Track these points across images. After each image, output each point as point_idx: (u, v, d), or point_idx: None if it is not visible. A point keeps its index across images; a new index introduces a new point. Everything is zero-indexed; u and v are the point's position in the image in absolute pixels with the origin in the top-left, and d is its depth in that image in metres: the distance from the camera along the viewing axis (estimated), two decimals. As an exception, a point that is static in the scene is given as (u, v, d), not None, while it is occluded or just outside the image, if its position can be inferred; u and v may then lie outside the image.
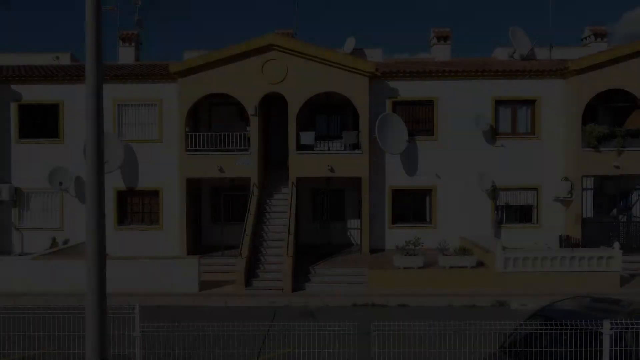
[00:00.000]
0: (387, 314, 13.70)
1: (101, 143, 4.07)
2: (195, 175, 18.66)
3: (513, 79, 19.29)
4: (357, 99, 18.55)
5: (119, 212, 19.50)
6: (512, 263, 15.81)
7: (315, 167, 18.60)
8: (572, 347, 8.07)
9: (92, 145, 3.97)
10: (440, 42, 22.84)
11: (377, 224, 19.46)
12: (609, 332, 6.98)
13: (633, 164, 18.54)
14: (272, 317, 13.53)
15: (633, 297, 14.94)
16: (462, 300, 14.73)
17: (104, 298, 4.17)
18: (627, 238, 19.11)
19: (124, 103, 19.37)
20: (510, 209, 19.70)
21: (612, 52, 18.38)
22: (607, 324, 7.11)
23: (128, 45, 23.02)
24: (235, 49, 18.21)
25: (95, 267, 4.11)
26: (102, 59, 3.99)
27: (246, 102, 18.46)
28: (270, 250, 17.01)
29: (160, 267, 15.68)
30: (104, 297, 4.18)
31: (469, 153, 19.38)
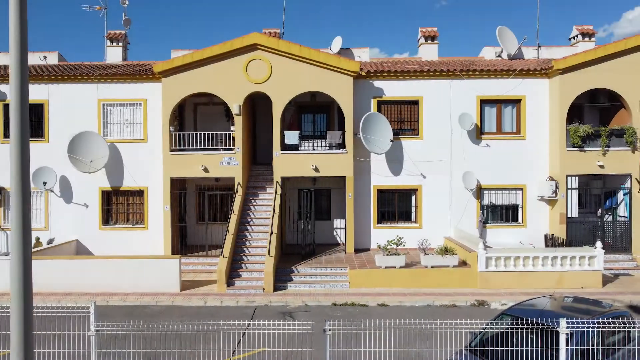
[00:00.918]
0: (366, 314, 13.68)
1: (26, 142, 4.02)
2: (179, 175, 18.63)
3: (498, 78, 19.28)
4: (342, 99, 18.53)
5: (104, 212, 19.46)
6: (493, 263, 15.80)
7: (300, 166, 18.59)
8: (538, 346, 8.08)
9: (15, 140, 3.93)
10: (427, 42, 22.84)
11: (362, 224, 19.45)
12: (565, 331, 6.94)
13: (617, 163, 18.52)
14: (250, 316, 13.53)
15: (614, 296, 14.99)
16: (443, 300, 14.72)
17: (29, 298, 4.09)
18: (612, 238, 19.11)
19: (109, 103, 19.35)
20: (496, 209, 19.69)
21: (595, 51, 18.35)
22: (564, 323, 7.08)
23: (115, 45, 23.01)
24: (218, 48, 18.18)
25: (19, 267, 4.01)
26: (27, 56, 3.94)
27: (230, 102, 18.44)
28: (254, 250, 17.00)
29: (141, 267, 15.66)
30: (30, 297, 4.11)
31: (454, 152, 19.37)
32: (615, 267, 18.07)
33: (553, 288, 15.70)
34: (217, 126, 20.38)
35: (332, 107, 20.50)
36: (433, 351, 8.81)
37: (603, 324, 8.16)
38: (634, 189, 18.46)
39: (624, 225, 18.85)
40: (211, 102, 20.37)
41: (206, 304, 14.54)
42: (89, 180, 19.19)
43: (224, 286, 15.53)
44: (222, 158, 18.52)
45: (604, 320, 8.19)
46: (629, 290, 15.61)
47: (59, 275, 15.75)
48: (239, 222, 17.85)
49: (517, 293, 15.08)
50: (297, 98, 20.10)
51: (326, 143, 19.00)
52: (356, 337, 9.58)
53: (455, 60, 22.20)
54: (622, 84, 18.36)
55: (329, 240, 20.68)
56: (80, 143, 18.55)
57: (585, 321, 7.84)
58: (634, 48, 18.22)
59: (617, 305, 9.45)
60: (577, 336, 7.86)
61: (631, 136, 18.24)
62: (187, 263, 18.44)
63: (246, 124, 19.55)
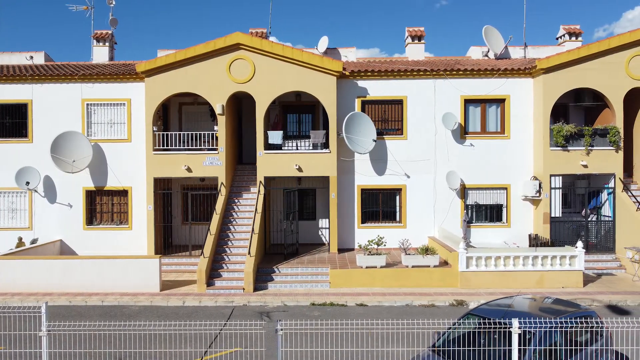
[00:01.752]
0: (344, 314, 13.66)
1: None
2: (162, 175, 18.61)
3: (482, 78, 19.26)
4: (325, 98, 18.51)
5: (88, 212, 19.43)
6: (474, 262, 15.78)
7: (283, 166, 18.57)
8: (501, 346, 8.05)
9: None
10: (414, 42, 22.84)
11: (346, 224, 19.43)
12: (517, 332, 6.92)
13: (601, 163, 18.51)
14: (227, 317, 13.51)
15: (593, 296, 14.98)
16: (422, 300, 14.70)
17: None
18: (597, 237, 19.09)
19: (93, 103, 19.32)
20: (480, 209, 19.67)
21: (579, 51, 18.32)
22: (516, 323, 7.07)
23: (102, 45, 22.99)
24: (201, 48, 18.15)
25: None
26: None
27: (213, 102, 18.42)
28: (235, 249, 16.97)
29: (121, 267, 15.64)
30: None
31: (438, 152, 19.35)
32: (598, 266, 18.05)
33: (534, 288, 15.71)
34: (202, 126, 20.37)
35: (318, 107, 20.48)
36: (396, 351, 8.80)
37: (567, 324, 8.15)
38: (618, 189, 18.44)
39: (608, 225, 18.83)
40: (196, 102, 20.35)
41: (185, 304, 14.52)
42: (72, 180, 19.16)
43: (203, 286, 15.51)
44: (205, 158, 18.50)
45: (568, 321, 8.18)
46: (610, 290, 15.59)
47: (40, 276, 15.74)
48: (222, 222, 17.83)
49: (497, 293, 15.05)
50: (282, 98, 20.10)
51: (310, 143, 18.98)
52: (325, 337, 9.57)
53: (440, 59, 22.20)
54: (605, 84, 18.34)
55: (314, 240, 20.67)
56: (64, 143, 18.52)
57: (545, 321, 7.82)
58: (617, 47, 18.20)
59: (585, 306, 9.40)
60: (538, 336, 7.84)
61: (614, 136, 18.22)
62: (170, 263, 18.46)
63: (230, 124, 19.53)
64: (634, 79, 18.32)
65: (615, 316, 13.36)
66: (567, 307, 9.20)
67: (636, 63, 18.29)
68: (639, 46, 18.26)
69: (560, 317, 8.42)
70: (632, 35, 18.10)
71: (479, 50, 22.76)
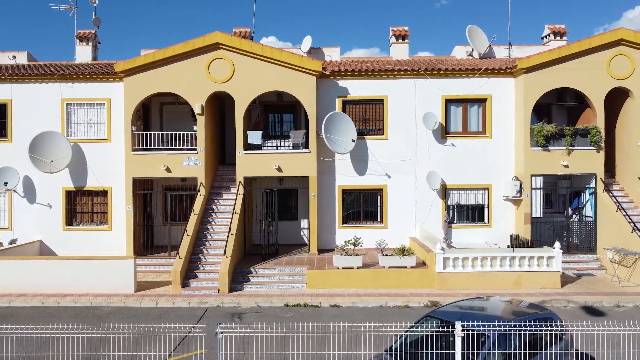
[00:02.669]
0: (317, 315, 13.58)
1: None
2: (141, 175, 18.51)
3: (463, 77, 19.16)
4: (305, 98, 18.42)
5: (67, 212, 19.34)
6: (451, 263, 15.69)
7: (263, 166, 18.49)
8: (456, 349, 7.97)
9: None
10: (398, 41, 22.75)
11: (327, 224, 19.35)
12: (460, 335, 6.84)
13: (582, 163, 18.42)
14: (198, 318, 13.42)
15: (570, 297, 14.90)
16: (397, 301, 14.62)
17: None
18: (579, 238, 19.01)
19: (73, 102, 19.22)
20: (462, 209, 19.59)
21: (560, 50, 18.23)
22: (459, 326, 6.98)
23: (85, 45, 22.90)
24: (180, 47, 18.07)
25: None
26: None
27: (193, 102, 18.33)
28: (213, 250, 16.89)
29: (97, 268, 15.56)
30: None
31: (419, 152, 19.26)
32: (579, 267, 17.98)
33: (511, 289, 15.64)
34: (184, 126, 20.27)
35: (300, 107, 20.37)
36: (352, 354, 8.72)
37: (525, 327, 8.06)
38: (599, 189, 18.35)
39: (589, 226, 18.75)
40: (177, 102, 20.23)
41: (158, 305, 14.44)
42: (52, 180, 19.07)
43: (179, 287, 15.43)
44: (184, 158, 18.41)
45: (525, 324, 8.09)
46: (587, 290, 15.51)
47: (16, 276, 15.65)
48: (200, 223, 17.76)
49: (474, 294, 14.95)
50: (263, 97, 20.04)
51: (290, 143, 18.88)
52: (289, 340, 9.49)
53: (423, 59, 22.13)
54: (586, 84, 18.25)
55: (296, 240, 20.59)
56: (42, 143, 18.44)
57: (499, 324, 7.74)
58: (598, 47, 18.11)
59: (543, 308, 9.32)
60: (492, 339, 7.76)
61: (595, 136, 18.13)
62: (149, 264, 18.39)
63: (211, 124, 19.45)
64: (615, 79, 18.24)
65: (589, 317, 13.28)
66: (528, 309, 9.12)
67: (617, 63, 18.20)
68: (620, 46, 18.17)
69: (518, 319, 8.34)
70: (612, 34, 18.02)
71: (464, 49, 22.69)
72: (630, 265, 16.30)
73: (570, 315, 13.57)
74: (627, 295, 15.08)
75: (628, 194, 18.67)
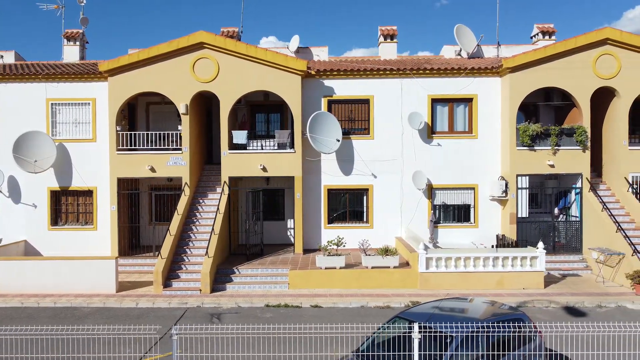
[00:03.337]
0: (297, 315, 13.52)
1: None
2: (126, 175, 18.46)
3: (449, 77, 19.09)
4: (290, 98, 18.37)
5: (52, 212, 19.29)
6: (434, 263, 15.64)
7: (248, 166, 18.44)
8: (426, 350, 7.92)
9: None
10: (387, 41, 22.67)
11: (312, 224, 19.29)
12: (417, 337, 6.79)
13: (568, 162, 18.35)
14: (177, 318, 13.36)
15: (552, 297, 14.84)
16: (378, 301, 14.55)
17: None
18: (565, 238, 18.95)
19: (58, 102, 19.16)
20: (448, 209, 19.53)
21: (545, 50, 18.16)
22: (416, 328, 6.93)
23: (72, 44, 22.83)
24: (165, 47, 18.01)
25: None
26: None
27: (177, 101, 18.27)
28: (196, 250, 16.84)
29: (77, 268, 15.51)
30: None
31: (405, 152, 19.20)
32: (565, 267, 17.92)
33: (495, 289, 15.59)
34: (170, 126, 20.17)
35: (286, 107, 20.23)
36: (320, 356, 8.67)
37: (492, 328, 8.00)
38: (585, 189, 18.29)
39: (575, 225, 18.69)
40: (163, 102, 20.16)
41: (137, 306, 14.38)
42: (37, 180, 19.02)
43: (160, 287, 15.38)
44: (169, 158, 18.35)
45: (491, 325, 8.02)
46: (570, 291, 15.45)
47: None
48: (184, 223, 17.71)
49: (456, 294, 14.90)
50: (250, 97, 20.00)
51: (275, 142, 18.83)
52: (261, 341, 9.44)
53: (411, 59, 22.07)
54: (572, 83, 18.17)
55: (282, 240, 20.53)
56: (27, 143, 18.38)
57: (464, 325, 7.68)
58: (584, 47, 18.03)
59: (514, 309, 9.26)
60: (457, 341, 7.71)
61: (581, 135, 18.07)
62: (134, 264, 18.35)
63: (197, 123, 19.40)
64: (601, 78, 18.17)
65: (569, 318, 13.23)
66: (499, 310, 9.06)
67: (603, 62, 18.13)
68: (606, 45, 18.10)
69: (486, 320, 8.29)
70: (598, 34, 17.95)
71: (452, 49, 22.62)
72: (615, 265, 16.24)
73: (551, 315, 13.53)
74: (610, 295, 15.03)
75: (614, 193, 18.60)
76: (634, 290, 15.21)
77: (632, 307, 14.21)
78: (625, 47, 18.04)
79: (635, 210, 17.61)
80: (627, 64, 18.05)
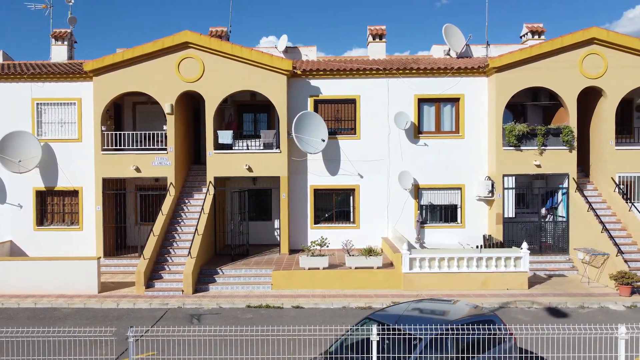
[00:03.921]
0: (278, 316, 13.46)
1: None
2: (111, 175, 18.40)
3: (436, 77, 19.02)
4: (276, 98, 18.30)
5: (38, 213, 19.23)
6: (417, 264, 15.58)
7: (234, 166, 18.38)
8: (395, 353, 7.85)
9: None
10: (375, 40, 22.59)
11: (299, 224, 19.23)
12: (375, 339, 6.72)
13: (555, 162, 18.28)
14: (157, 319, 13.30)
15: (535, 297, 14.78)
16: (360, 302, 14.48)
17: None
18: (552, 238, 18.88)
19: (44, 102, 19.10)
20: (435, 209, 19.46)
21: (531, 49, 18.08)
22: (375, 330, 6.87)
23: (61, 44, 22.76)
24: (149, 46, 17.95)
25: None
26: None
27: (163, 101, 18.21)
28: (180, 251, 16.77)
29: (59, 269, 15.44)
30: None
31: (391, 152, 19.14)
32: (551, 267, 17.86)
33: (479, 290, 15.53)
34: (157, 125, 20.06)
35: (273, 106, 20.15)
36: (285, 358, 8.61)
37: (462, 330, 7.93)
38: (571, 189, 18.22)
39: (562, 226, 18.62)
40: (150, 102, 20.06)
41: (118, 307, 14.32)
42: (23, 180, 18.96)
43: (142, 288, 15.32)
44: (154, 158, 18.29)
45: (460, 327, 7.96)
46: (554, 291, 15.39)
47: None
48: (169, 223, 17.65)
49: (439, 295, 14.86)
50: (237, 97, 19.95)
51: (261, 142, 18.76)
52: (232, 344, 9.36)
53: (399, 58, 22.01)
54: (558, 83, 18.11)
55: (269, 240, 20.47)
56: (12, 143, 18.31)
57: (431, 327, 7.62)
58: (570, 46, 17.96)
59: (487, 310, 9.18)
60: (423, 343, 7.65)
61: (567, 135, 18.00)
62: (119, 264, 18.30)
63: (182, 123, 19.34)
64: (587, 78, 18.10)
65: (551, 319, 13.18)
66: (469, 312, 8.98)
67: (590, 62, 18.06)
68: (593, 45, 18.03)
69: (456, 322, 8.22)
70: (584, 33, 17.87)
71: (441, 48, 22.56)
72: (600, 265, 16.18)
73: (532, 316, 13.48)
74: (594, 296, 14.97)
75: (602, 194, 18.53)
76: (618, 291, 15.14)
77: (614, 307, 14.15)
78: (612, 47, 17.97)
79: (621, 211, 17.55)
80: (613, 63, 17.98)
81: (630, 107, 20.36)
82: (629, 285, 14.80)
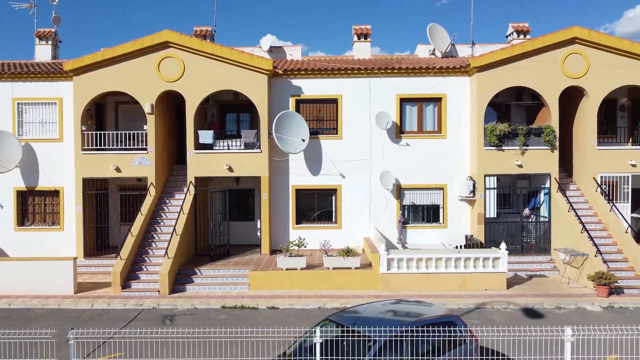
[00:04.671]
0: (252, 317, 13.39)
1: None
2: (91, 175, 18.32)
3: (418, 76, 18.94)
4: (256, 97, 18.23)
5: (19, 213, 19.16)
6: (395, 264, 15.50)
7: (214, 166, 18.31)
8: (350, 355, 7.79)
9: None
10: (360, 40, 22.52)
11: (280, 225, 19.16)
12: (319, 341, 6.65)
13: (537, 162, 18.20)
14: (129, 320, 13.23)
15: (513, 298, 14.71)
16: (336, 302, 14.42)
17: None
18: (535, 238, 18.81)
19: (24, 102, 19.02)
20: (417, 209, 19.38)
21: (513, 49, 18.00)
22: (318, 332, 6.80)
23: (45, 44, 22.67)
24: (129, 46, 17.87)
25: None
26: None
27: (143, 101, 18.14)
28: (158, 251, 16.69)
29: (35, 269, 15.38)
30: None
31: (373, 152, 19.06)
32: (532, 268, 17.78)
33: (457, 290, 15.46)
34: (139, 125, 19.97)
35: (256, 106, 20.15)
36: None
37: (419, 332, 7.86)
38: (553, 189, 18.15)
39: (544, 226, 18.55)
40: (132, 101, 19.95)
41: (92, 307, 14.25)
42: (3, 180, 18.88)
43: (118, 289, 15.25)
44: (134, 158, 18.21)
45: (418, 329, 7.88)
46: (532, 292, 15.31)
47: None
48: (149, 223, 17.57)
49: (417, 295, 14.80)
50: (220, 97, 19.89)
51: (242, 142, 18.69)
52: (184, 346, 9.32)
53: (381, 58, 21.94)
54: (540, 82, 18.02)
55: (252, 241, 20.34)
56: (-9, 143, 18.25)
57: (386, 329, 7.54)
58: (552, 45, 17.88)
59: (448, 312, 9.10)
60: (379, 344, 7.58)
61: (549, 135, 17.92)
62: (99, 264, 18.25)
63: (164, 123, 19.27)
64: (569, 78, 18.01)
65: (526, 320, 13.11)
66: (429, 313, 8.88)
67: (572, 61, 17.97)
68: (575, 44, 17.94)
69: (414, 324, 8.14)
70: (566, 33, 17.79)
71: (426, 48, 22.48)
72: (579, 266, 16.10)
73: (508, 317, 13.41)
74: (572, 297, 14.90)
75: (584, 194, 18.45)
76: (596, 292, 15.07)
77: (591, 308, 14.09)
78: (594, 47, 17.89)
79: (602, 211, 17.48)
80: (595, 63, 17.91)
81: (614, 107, 20.29)
82: (607, 285, 14.74)
